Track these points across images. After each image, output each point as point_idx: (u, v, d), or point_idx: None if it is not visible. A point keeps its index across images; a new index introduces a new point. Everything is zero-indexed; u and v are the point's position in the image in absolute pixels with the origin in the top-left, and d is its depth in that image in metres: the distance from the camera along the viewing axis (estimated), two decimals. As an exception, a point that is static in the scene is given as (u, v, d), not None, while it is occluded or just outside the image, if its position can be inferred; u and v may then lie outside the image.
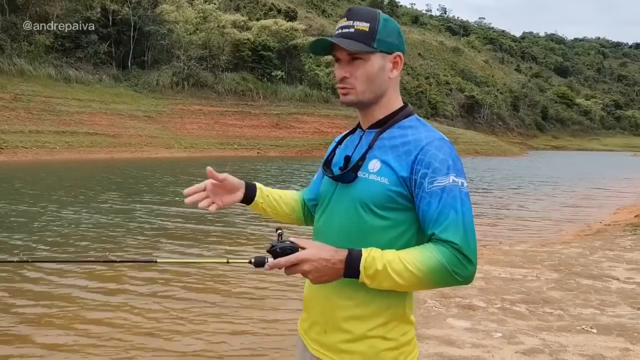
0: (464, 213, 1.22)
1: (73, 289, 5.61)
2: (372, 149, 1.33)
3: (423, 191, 1.24)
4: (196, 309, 5.12)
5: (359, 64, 1.31)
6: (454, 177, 1.24)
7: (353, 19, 1.31)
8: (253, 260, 1.26)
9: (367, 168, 1.32)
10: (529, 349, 3.75)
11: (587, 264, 6.70)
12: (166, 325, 4.70)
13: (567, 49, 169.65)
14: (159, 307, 5.14)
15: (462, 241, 1.20)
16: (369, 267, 1.20)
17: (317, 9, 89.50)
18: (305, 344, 1.43)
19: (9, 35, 33.32)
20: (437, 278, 1.19)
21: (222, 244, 8.16)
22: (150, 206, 11.72)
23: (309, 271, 1.21)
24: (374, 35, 1.30)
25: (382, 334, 1.30)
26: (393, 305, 1.31)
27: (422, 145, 1.27)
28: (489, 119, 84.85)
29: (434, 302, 4.85)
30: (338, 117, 45.75)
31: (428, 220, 1.24)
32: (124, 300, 5.31)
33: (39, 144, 27.43)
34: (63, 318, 4.79)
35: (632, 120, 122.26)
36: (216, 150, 36.38)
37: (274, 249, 1.23)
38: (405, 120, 1.36)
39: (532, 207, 14.33)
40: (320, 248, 1.23)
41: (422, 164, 1.25)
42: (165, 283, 5.92)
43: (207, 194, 1.47)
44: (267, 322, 4.83)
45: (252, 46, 46.03)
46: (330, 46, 1.33)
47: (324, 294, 1.35)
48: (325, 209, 1.41)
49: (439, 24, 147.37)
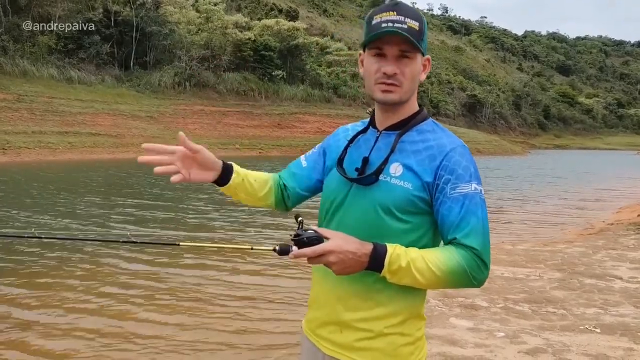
0: (483, 220, 1.27)
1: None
2: (394, 152, 1.32)
3: (445, 196, 1.26)
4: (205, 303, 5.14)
5: (408, 62, 1.29)
6: (476, 184, 1.28)
7: (404, 15, 1.26)
8: (277, 249, 1.25)
9: (388, 171, 1.31)
10: (532, 349, 3.75)
11: (590, 263, 6.69)
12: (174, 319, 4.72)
13: (569, 48, 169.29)
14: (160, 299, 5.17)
15: (482, 247, 1.25)
16: (393, 262, 1.21)
17: (318, 9, 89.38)
18: (314, 343, 1.42)
19: (11, 37, 33.37)
20: (455, 279, 1.23)
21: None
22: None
23: (335, 262, 1.21)
24: (422, 36, 1.29)
25: (400, 330, 1.32)
26: (411, 303, 1.33)
27: (447, 151, 1.29)
28: (490, 118, 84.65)
29: (437, 301, 4.86)
30: (339, 117, 45.69)
31: (449, 225, 1.26)
32: (132, 288, 5.34)
33: (42, 145, 27.48)
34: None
35: (634, 118, 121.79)
36: (218, 150, 36.33)
37: (300, 238, 1.21)
38: (423, 124, 1.37)
39: (535, 206, 14.31)
40: (346, 240, 1.23)
41: (446, 170, 1.27)
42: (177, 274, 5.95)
43: (174, 161, 1.31)
44: (273, 320, 4.84)
45: (254, 46, 46.01)
46: (377, 38, 1.27)
47: (338, 295, 1.34)
48: (339, 209, 1.38)
49: (440, 23, 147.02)
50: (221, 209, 11.02)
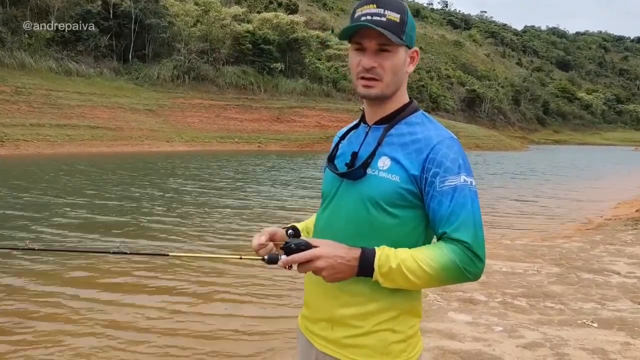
0: (474, 212, 1.24)
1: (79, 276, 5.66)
2: (381, 145, 1.31)
3: (434, 190, 1.25)
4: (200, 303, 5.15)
5: (388, 55, 1.27)
6: (465, 176, 1.25)
7: (383, 7, 1.25)
8: (266, 257, 1.25)
9: (376, 165, 1.30)
10: (529, 343, 3.77)
11: (588, 258, 6.71)
12: (165, 322, 4.73)
13: (568, 43, 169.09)
14: (159, 301, 5.18)
15: (473, 240, 1.22)
16: (383, 264, 1.20)
17: (317, 2, 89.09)
18: (309, 340, 1.41)
19: (9, 28, 33.21)
20: (449, 275, 1.21)
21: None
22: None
23: (324, 268, 1.20)
24: (403, 28, 1.26)
25: (391, 326, 1.30)
26: (405, 299, 1.31)
27: (434, 144, 1.27)
28: (490, 113, 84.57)
29: (435, 295, 4.87)
30: (339, 111, 45.68)
31: (439, 219, 1.25)
32: (124, 294, 5.35)
33: (41, 137, 27.43)
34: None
35: (633, 114, 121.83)
36: (217, 144, 36.35)
37: (287, 245, 1.22)
38: (411, 117, 1.35)
39: (533, 201, 14.31)
40: (334, 246, 1.23)
41: (433, 163, 1.25)
42: (172, 279, 5.95)
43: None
44: (270, 318, 4.85)
45: (253, 39, 45.88)
46: (354, 32, 1.27)
47: (329, 292, 1.33)
48: (329, 205, 1.38)
49: (440, 17, 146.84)
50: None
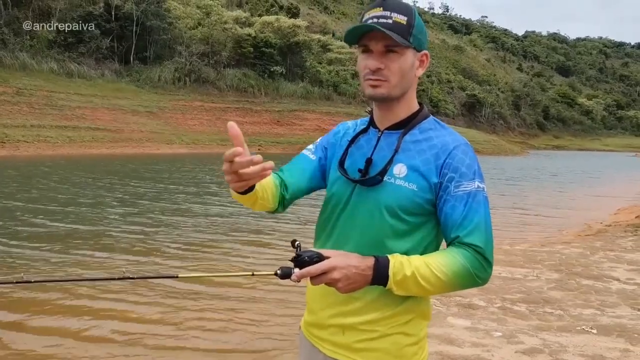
0: (486, 218, 1.25)
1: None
2: (398, 152, 1.30)
3: (448, 194, 1.25)
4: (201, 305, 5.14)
5: (394, 57, 1.26)
6: (479, 182, 1.27)
7: (390, 9, 1.25)
8: (279, 272, 1.19)
9: (392, 172, 1.29)
10: (528, 349, 3.77)
11: (587, 264, 6.71)
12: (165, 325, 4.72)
13: (569, 49, 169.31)
14: (161, 301, 5.17)
15: (485, 244, 1.23)
16: (397, 272, 1.19)
17: (319, 6, 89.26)
18: (313, 344, 1.40)
19: (11, 30, 33.28)
20: (461, 281, 1.21)
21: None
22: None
23: (339, 279, 1.17)
24: (410, 30, 1.26)
25: (404, 330, 1.31)
26: (415, 302, 1.31)
27: (450, 149, 1.28)
28: (490, 118, 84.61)
29: (434, 300, 4.87)
30: (339, 115, 45.69)
31: (452, 223, 1.25)
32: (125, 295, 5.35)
33: (41, 139, 27.45)
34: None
35: (633, 120, 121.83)
36: (217, 146, 36.30)
37: (300, 258, 1.17)
38: (424, 122, 1.35)
39: (532, 207, 14.31)
40: (346, 255, 1.20)
41: (449, 168, 1.26)
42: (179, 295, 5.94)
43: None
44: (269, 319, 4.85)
45: (254, 42, 45.97)
46: (361, 35, 1.27)
47: (340, 298, 1.30)
48: (344, 211, 1.35)
49: (441, 22, 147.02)
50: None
